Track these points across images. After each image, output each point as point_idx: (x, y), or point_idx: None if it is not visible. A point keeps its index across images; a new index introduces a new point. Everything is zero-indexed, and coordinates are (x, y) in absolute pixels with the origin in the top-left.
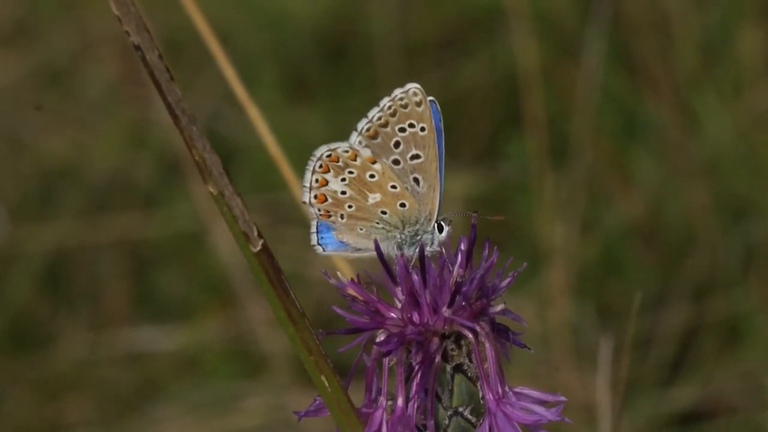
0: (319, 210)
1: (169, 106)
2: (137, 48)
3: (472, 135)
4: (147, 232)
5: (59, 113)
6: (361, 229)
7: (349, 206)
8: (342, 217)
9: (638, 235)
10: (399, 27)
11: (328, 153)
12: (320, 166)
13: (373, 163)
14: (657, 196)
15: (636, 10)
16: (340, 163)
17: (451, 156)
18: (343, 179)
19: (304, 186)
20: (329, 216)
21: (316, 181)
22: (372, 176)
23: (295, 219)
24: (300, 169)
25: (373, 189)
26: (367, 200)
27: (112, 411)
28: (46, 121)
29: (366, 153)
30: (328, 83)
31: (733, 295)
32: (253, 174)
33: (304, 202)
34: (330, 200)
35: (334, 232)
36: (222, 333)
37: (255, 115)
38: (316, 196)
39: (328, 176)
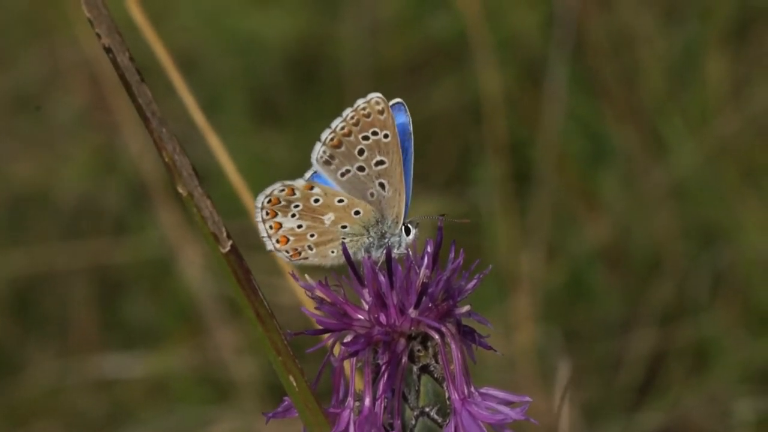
0: (287, 252)
1: (139, 108)
2: (108, 50)
3: (441, 160)
4: (115, 258)
5: (29, 139)
6: (332, 252)
7: (311, 235)
8: (311, 248)
9: (605, 260)
10: (368, 53)
11: (267, 199)
12: (267, 214)
13: (311, 188)
14: (623, 221)
15: (601, 35)
16: (282, 203)
17: (419, 181)
18: (293, 215)
19: (263, 237)
20: (299, 254)
21: (271, 227)
22: (316, 200)
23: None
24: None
25: (323, 211)
26: (324, 223)
27: None
28: (16, 146)
29: (299, 183)
30: (297, 108)
31: (700, 319)
32: (221, 200)
33: (270, 251)
34: (292, 238)
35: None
36: (191, 359)
37: (215, 143)
38: (278, 240)
39: (279, 219)
